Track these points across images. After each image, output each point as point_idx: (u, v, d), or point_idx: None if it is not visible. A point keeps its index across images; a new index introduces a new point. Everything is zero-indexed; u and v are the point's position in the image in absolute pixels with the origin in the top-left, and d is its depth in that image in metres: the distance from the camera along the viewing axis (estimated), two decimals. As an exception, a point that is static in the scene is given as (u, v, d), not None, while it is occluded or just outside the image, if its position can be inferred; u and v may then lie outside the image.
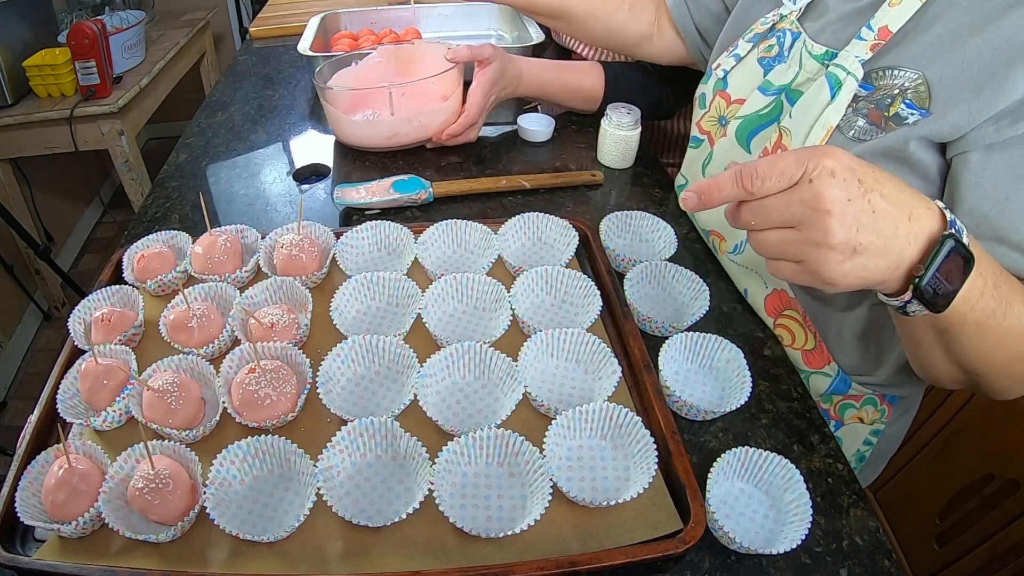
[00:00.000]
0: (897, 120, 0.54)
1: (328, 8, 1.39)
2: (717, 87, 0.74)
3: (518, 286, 0.67)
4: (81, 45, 1.81)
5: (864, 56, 0.57)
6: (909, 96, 0.54)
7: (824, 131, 0.58)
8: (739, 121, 0.70)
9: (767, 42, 0.69)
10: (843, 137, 0.58)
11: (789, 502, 0.52)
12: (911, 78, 0.54)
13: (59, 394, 0.57)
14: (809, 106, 0.60)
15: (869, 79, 0.57)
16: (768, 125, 0.67)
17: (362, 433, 0.54)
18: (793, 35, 0.66)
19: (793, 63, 0.64)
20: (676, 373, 0.64)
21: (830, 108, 0.58)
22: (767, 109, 0.67)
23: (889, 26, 0.56)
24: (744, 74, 0.71)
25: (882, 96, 0.56)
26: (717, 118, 0.74)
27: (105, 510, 0.49)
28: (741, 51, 0.72)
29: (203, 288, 0.68)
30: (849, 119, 0.57)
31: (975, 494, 1.25)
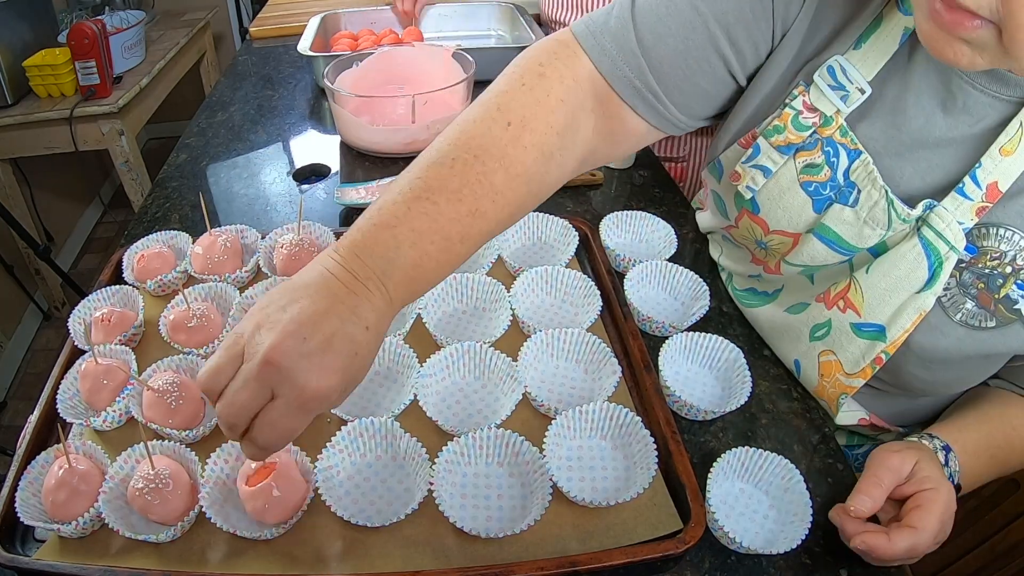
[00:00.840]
0: (1007, 303, 0.47)
1: (328, 8, 1.39)
2: (742, 205, 0.59)
3: (518, 286, 0.67)
4: (81, 45, 1.81)
5: (968, 223, 0.47)
6: (1022, 276, 0.47)
7: (917, 315, 0.50)
8: (799, 268, 0.59)
9: (808, 155, 0.53)
10: (947, 318, 0.50)
11: (789, 502, 0.52)
12: (1022, 247, 0.46)
13: (59, 394, 0.57)
14: (899, 279, 0.50)
15: (969, 237, 0.48)
16: (836, 266, 0.56)
17: (362, 433, 0.54)
18: (850, 154, 0.51)
19: (876, 224, 0.51)
20: (676, 373, 0.63)
21: (928, 291, 0.49)
22: (838, 263, 0.56)
23: (999, 184, 0.46)
24: (784, 201, 0.55)
25: (991, 272, 0.48)
26: (754, 241, 0.61)
27: (105, 510, 0.49)
28: (768, 162, 0.55)
29: (203, 288, 0.68)
30: (955, 298, 0.49)
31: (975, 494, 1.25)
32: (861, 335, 0.54)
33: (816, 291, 0.58)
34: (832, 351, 0.56)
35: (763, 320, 0.66)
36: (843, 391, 0.57)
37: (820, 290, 0.58)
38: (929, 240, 0.48)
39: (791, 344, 0.62)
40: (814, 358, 0.59)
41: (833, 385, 0.58)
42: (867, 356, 0.53)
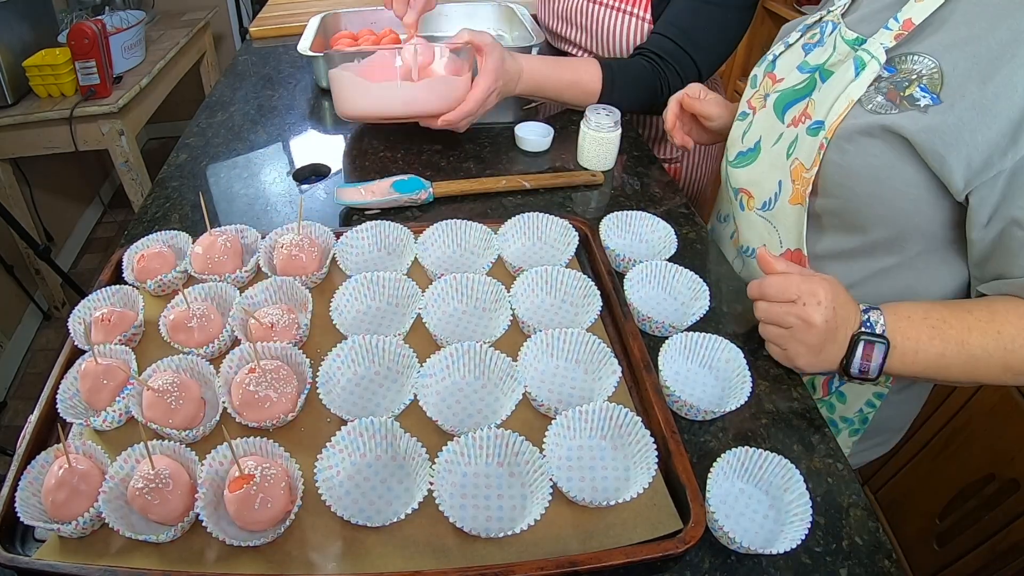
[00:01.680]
0: (911, 101, 0.59)
1: (328, 8, 1.39)
2: (767, 69, 0.79)
3: (518, 286, 0.67)
4: (81, 45, 1.81)
5: (888, 44, 0.62)
6: (924, 81, 0.59)
7: (846, 103, 0.63)
8: (777, 95, 0.75)
9: (812, 31, 0.75)
10: (862, 109, 0.63)
11: (789, 502, 0.52)
12: (928, 65, 0.59)
13: (59, 394, 0.57)
14: (836, 82, 0.66)
15: (893, 63, 0.62)
16: (802, 99, 0.71)
17: (362, 433, 0.54)
18: (834, 25, 0.71)
19: (828, 46, 0.70)
20: (676, 373, 0.63)
21: (853, 85, 0.64)
22: (802, 85, 0.72)
23: (913, 19, 0.61)
24: (789, 58, 0.77)
25: (901, 79, 0.61)
26: (763, 95, 0.79)
27: (105, 510, 0.49)
28: (791, 39, 0.78)
29: (203, 288, 0.68)
30: (870, 95, 0.63)
31: (975, 494, 1.25)
32: (811, 133, 0.67)
33: (784, 125, 0.73)
34: (797, 157, 0.70)
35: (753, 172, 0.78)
36: (806, 185, 0.68)
37: (788, 121, 0.73)
38: (859, 56, 0.65)
39: (777, 172, 0.74)
40: (788, 171, 0.71)
41: (801, 183, 0.69)
42: (814, 146, 0.66)
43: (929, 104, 0.58)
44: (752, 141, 0.79)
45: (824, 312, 0.59)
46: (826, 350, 0.61)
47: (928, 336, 0.60)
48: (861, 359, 0.60)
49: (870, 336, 0.60)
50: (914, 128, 0.58)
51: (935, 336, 0.60)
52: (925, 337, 0.60)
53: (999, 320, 0.59)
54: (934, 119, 0.58)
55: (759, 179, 0.77)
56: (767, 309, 0.62)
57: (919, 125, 0.58)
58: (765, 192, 0.76)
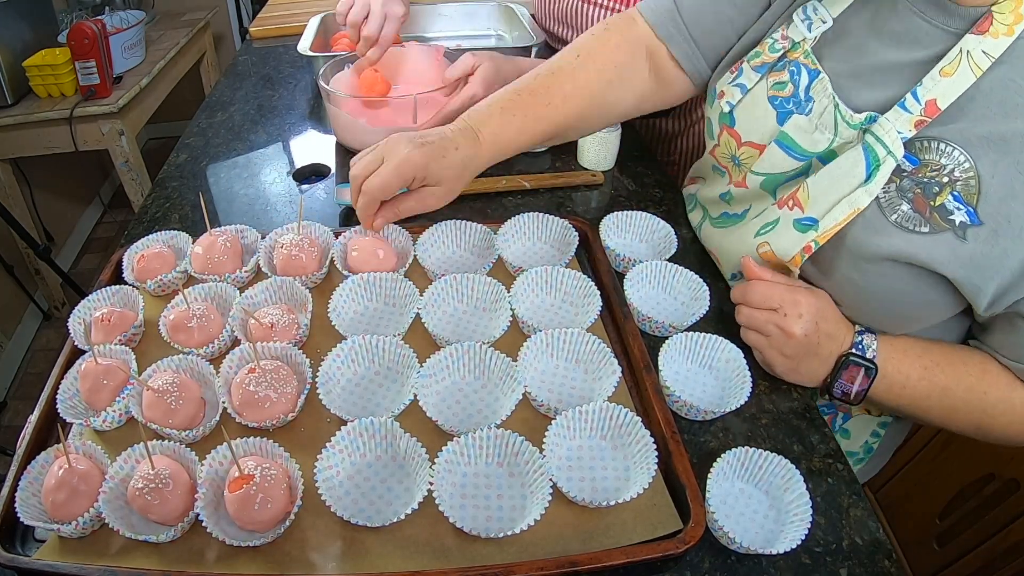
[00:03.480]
0: (943, 213, 0.51)
1: (328, 8, 1.39)
2: (723, 121, 0.69)
3: (518, 286, 0.67)
4: (81, 45, 1.81)
5: (907, 133, 0.52)
6: (958, 188, 0.50)
7: (851, 210, 0.55)
8: (762, 178, 0.65)
9: (778, 75, 0.62)
10: (884, 220, 0.54)
11: (789, 502, 0.52)
12: (960, 163, 0.50)
13: (59, 394, 0.57)
14: (840, 176, 0.56)
15: (913, 149, 0.53)
16: (796, 178, 0.63)
17: (362, 433, 0.54)
18: (810, 73, 0.60)
19: (825, 129, 0.58)
20: (676, 373, 0.63)
21: (862, 189, 0.54)
22: (793, 171, 0.63)
23: (938, 102, 0.51)
24: (754, 113, 0.65)
25: (929, 179, 0.52)
26: (730, 156, 0.70)
27: (105, 510, 0.49)
28: (746, 80, 0.65)
29: (203, 288, 0.68)
30: (892, 200, 0.53)
31: (975, 494, 1.25)
32: (798, 227, 0.60)
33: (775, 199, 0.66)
34: (768, 242, 0.63)
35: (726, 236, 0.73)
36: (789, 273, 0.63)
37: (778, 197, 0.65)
38: (870, 144, 0.54)
39: (743, 247, 0.69)
40: (755, 252, 0.66)
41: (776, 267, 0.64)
42: (797, 245, 0.60)
43: (966, 222, 0.50)
44: (739, 208, 0.71)
45: (804, 325, 0.57)
46: (805, 363, 0.59)
47: (918, 375, 0.58)
48: (845, 380, 0.59)
49: (858, 359, 0.58)
50: (953, 263, 0.51)
51: (924, 377, 0.58)
52: (915, 375, 0.58)
53: (988, 382, 0.57)
54: (975, 249, 0.50)
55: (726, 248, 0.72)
56: (748, 315, 0.61)
57: (959, 259, 0.51)
58: (732, 265, 0.72)
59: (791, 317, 0.58)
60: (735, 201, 0.72)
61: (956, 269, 0.51)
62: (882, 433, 0.76)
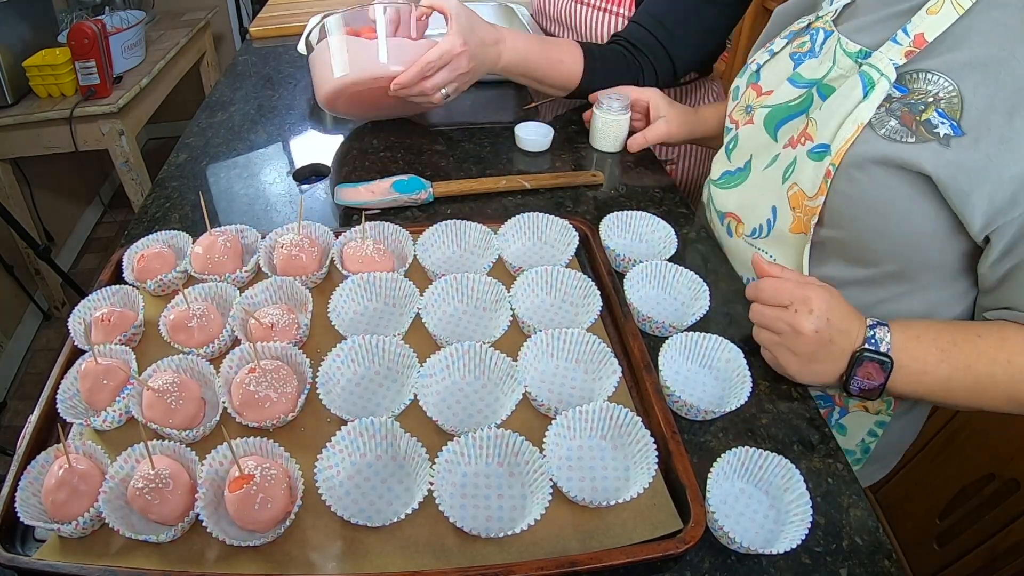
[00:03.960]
0: (928, 127, 0.55)
1: (328, 8, 1.39)
2: (750, 80, 0.75)
3: (518, 286, 0.67)
4: (81, 45, 1.81)
5: (898, 61, 0.58)
6: (942, 106, 0.55)
7: (855, 127, 0.59)
8: (767, 110, 0.71)
9: (801, 39, 0.70)
10: (874, 134, 0.58)
11: (789, 502, 0.52)
12: (945, 87, 0.55)
13: (59, 394, 0.57)
14: (841, 101, 0.61)
15: (903, 80, 0.58)
16: (797, 116, 0.68)
17: (362, 433, 0.54)
18: (826, 33, 0.67)
19: (826, 59, 0.65)
20: (676, 373, 0.63)
21: (862, 105, 0.59)
22: (797, 100, 0.68)
23: (925, 34, 0.56)
24: (775, 68, 0.72)
25: (916, 100, 0.56)
26: (745, 107, 0.75)
27: (105, 510, 0.49)
28: (776, 47, 0.73)
29: (203, 288, 0.68)
30: (882, 118, 0.58)
31: (975, 494, 1.25)
32: (813, 157, 0.63)
33: (780, 145, 0.69)
34: (796, 183, 0.66)
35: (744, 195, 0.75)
36: (811, 215, 0.65)
37: (784, 141, 0.69)
38: (866, 71, 0.60)
39: (770, 197, 0.70)
40: (785, 196, 0.68)
41: (803, 212, 0.66)
42: (819, 172, 0.62)
43: (950, 134, 0.54)
44: (741, 160, 0.75)
45: (815, 321, 0.57)
46: (818, 360, 0.59)
47: (936, 359, 0.57)
48: (861, 377, 0.58)
49: (873, 354, 0.57)
50: (936, 164, 0.54)
51: (943, 360, 0.57)
52: (933, 360, 0.57)
53: (1009, 348, 0.56)
54: (958, 154, 0.53)
55: (750, 203, 0.74)
56: (760, 312, 0.61)
57: (942, 160, 0.54)
58: (756, 218, 0.73)
59: (802, 313, 0.58)
60: (738, 150, 0.75)
61: (939, 169, 0.54)
62: (879, 433, 0.76)
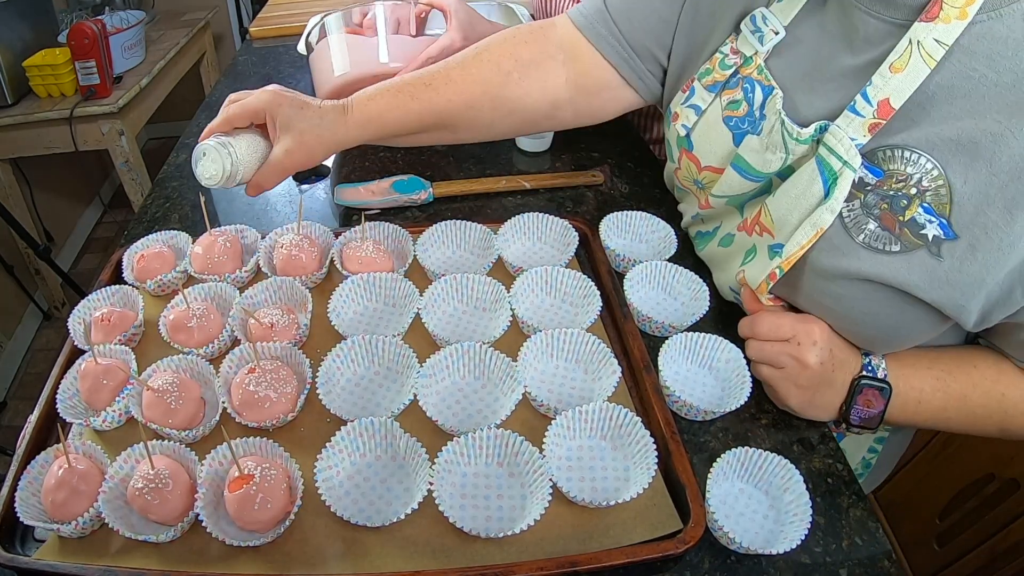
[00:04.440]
0: (914, 228, 0.46)
1: (328, 8, 1.39)
2: (681, 144, 0.66)
3: (518, 286, 0.67)
4: (81, 45, 1.81)
5: (861, 140, 0.48)
6: (928, 199, 0.46)
7: (813, 232, 0.50)
8: (723, 198, 0.63)
9: (731, 93, 0.59)
10: (851, 240, 0.50)
11: (789, 502, 0.52)
12: (928, 170, 0.46)
13: (59, 394, 0.57)
14: (796, 197, 0.52)
15: (875, 160, 0.48)
16: (757, 196, 0.61)
17: (361, 433, 0.54)
18: (764, 89, 0.56)
19: (775, 147, 0.54)
20: (676, 373, 0.63)
21: (823, 208, 0.49)
22: (752, 191, 0.60)
23: (891, 100, 0.46)
24: (710, 135, 0.62)
25: (896, 193, 0.47)
26: (692, 180, 0.67)
27: (105, 510, 0.49)
28: (699, 101, 0.62)
29: (203, 288, 0.68)
30: (858, 219, 0.49)
31: (975, 494, 1.25)
32: (770, 254, 0.57)
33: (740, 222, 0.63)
34: (743, 270, 0.61)
35: (710, 256, 0.72)
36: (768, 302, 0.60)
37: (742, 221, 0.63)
38: (823, 157, 0.50)
39: (727, 275, 0.67)
40: (735, 281, 0.64)
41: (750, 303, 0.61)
42: (764, 272, 0.56)
43: (940, 236, 0.45)
44: (711, 226, 0.70)
45: (819, 353, 0.55)
46: (820, 393, 0.56)
47: (932, 388, 0.55)
48: (862, 406, 0.56)
49: (871, 380, 0.55)
50: (931, 286, 0.46)
51: (939, 388, 0.55)
52: (928, 388, 0.55)
53: (1005, 383, 0.54)
54: (951, 267, 0.45)
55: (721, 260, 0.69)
56: (760, 348, 0.58)
57: (935, 280, 0.46)
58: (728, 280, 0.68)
59: (805, 346, 0.55)
60: (707, 220, 0.71)
61: (934, 292, 0.47)
62: (879, 449, 0.76)
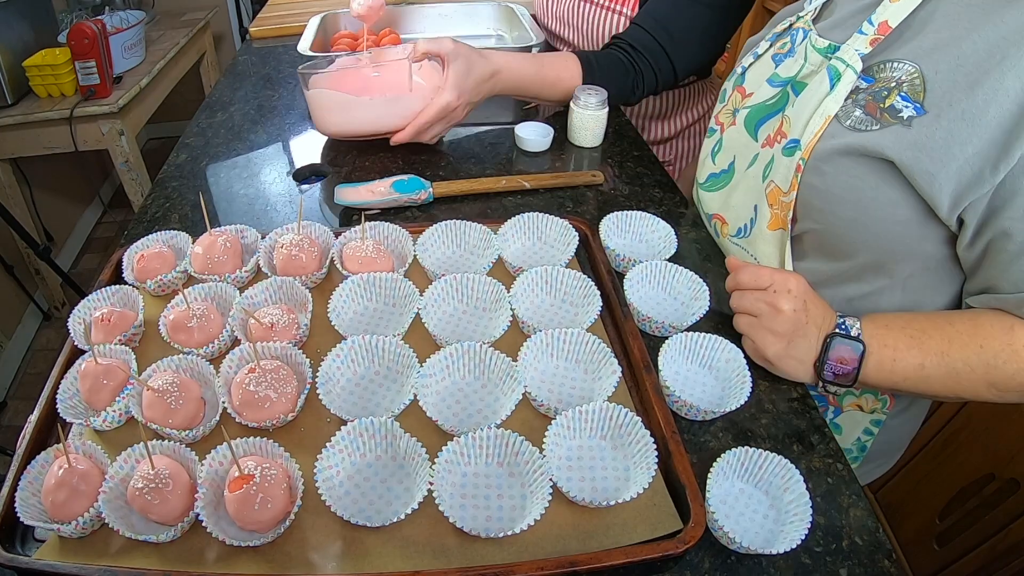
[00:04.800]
0: (892, 112, 0.55)
1: (328, 8, 1.39)
2: (736, 83, 0.76)
3: (518, 286, 0.67)
4: (81, 45, 1.81)
5: (864, 50, 0.58)
6: (905, 89, 0.55)
7: (823, 120, 0.60)
8: (747, 111, 0.72)
9: (782, 40, 0.72)
10: (840, 126, 0.59)
11: (789, 502, 0.52)
12: (908, 71, 0.56)
13: (59, 394, 0.57)
14: (810, 96, 0.62)
15: (871, 72, 0.59)
16: (774, 114, 0.69)
17: (361, 433, 0.54)
18: (804, 32, 0.68)
19: (799, 56, 0.67)
20: (676, 373, 0.63)
21: (829, 98, 0.60)
22: (774, 100, 0.69)
23: (888, 21, 0.57)
24: (758, 70, 0.74)
25: (879, 88, 0.57)
26: (732, 110, 0.76)
27: (105, 510, 0.49)
28: (760, 49, 0.74)
29: (203, 288, 0.68)
30: (848, 109, 0.59)
31: (975, 494, 1.25)
32: (786, 153, 0.64)
33: (759, 144, 0.71)
34: (773, 180, 0.67)
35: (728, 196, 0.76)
36: (787, 210, 0.66)
37: (763, 140, 0.70)
38: (833, 64, 0.61)
39: (752, 196, 0.71)
40: (764, 195, 0.69)
41: (780, 208, 0.67)
42: (791, 168, 0.63)
43: (912, 115, 0.54)
44: (725, 162, 0.76)
45: (793, 301, 0.59)
46: (794, 345, 0.60)
47: (906, 345, 0.58)
48: (835, 362, 0.59)
49: (844, 337, 0.59)
50: (899, 147, 0.54)
51: (913, 346, 0.57)
52: (903, 346, 0.58)
53: (982, 334, 0.56)
54: (920, 134, 0.53)
55: (734, 204, 0.74)
56: (739, 296, 0.63)
57: (904, 143, 0.54)
58: (740, 218, 0.74)
59: (780, 294, 0.59)
60: (722, 152, 0.77)
61: (902, 152, 0.54)
62: (875, 432, 0.76)
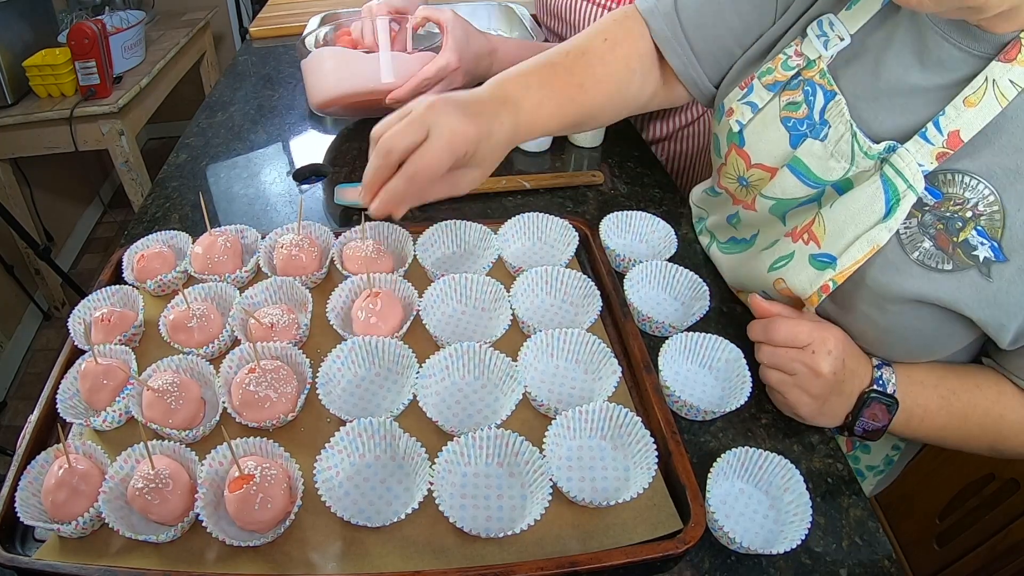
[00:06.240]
0: (966, 249, 0.49)
1: (328, 8, 1.39)
2: (731, 140, 0.65)
3: (518, 286, 0.67)
4: (81, 45, 1.81)
5: (928, 167, 0.50)
6: (982, 222, 0.48)
7: (870, 248, 0.52)
8: (771, 201, 0.62)
9: (791, 95, 0.59)
10: (904, 255, 0.51)
11: (789, 502, 0.52)
12: (985, 196, 0.48)
13: (59, 394, 0.57)
14: (857, 212, 0.53)
15: (935, 182, 0.50)
16: (806, 203, 0.60)
17: (361, 433, 0.54)
18: (826, 94, 0.56)
19: (840, 156, 0.55)
20: (676, 373, 0.63)
21: (882, 225, 0.51)
22: (806, 197, 0.59)
23: (961, 133, 0.48)
24: (765, 135, 0.61)
25: (952, 215, 0.49)
26: (736, 178, 0.66)
27: (105, 510, 0.49)
28: (757, 99, 0.62)
29: (203, 288, 0.68)
30: (914, 236, 0.51)
31: (975, 494, 1.25)
32: (814, 264, 0.57)
33: (786, 229, 0.62)
34: (783, 278, 0.60)
35: (739, 265, 0.71)
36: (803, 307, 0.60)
37: (789, 228, 0.62)
38: (889, 177, 0.51)
39: (757, 280, 0.66)
40: (771, 287, 0.62)
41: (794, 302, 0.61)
42: (815, 283, 0.56)
43: (990, 258, 0.48)
44: (747, 232, 0.69)
45: (833, 362, 0.54)
46: (830, 402, 0.56)
47: (937, 406, 0.56)
48: (868, 418, 0.56)
49: (881, 395, 0.56)
50: (977, 303, 0.49)
51: (943, 407, 0.56)
52: (933, 407, 0.56)
53: (1004, 404, 0.55)
54: (999, 288, 0.48)
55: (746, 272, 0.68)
56: (772, 353, 0.57)
57: (983, 298, 0.49)
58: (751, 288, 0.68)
59: (820, 354, 0.54)
60: (742, 225, 0.69)
61: (981, 310, 0.49)
62: (903, 446, 0.76)
